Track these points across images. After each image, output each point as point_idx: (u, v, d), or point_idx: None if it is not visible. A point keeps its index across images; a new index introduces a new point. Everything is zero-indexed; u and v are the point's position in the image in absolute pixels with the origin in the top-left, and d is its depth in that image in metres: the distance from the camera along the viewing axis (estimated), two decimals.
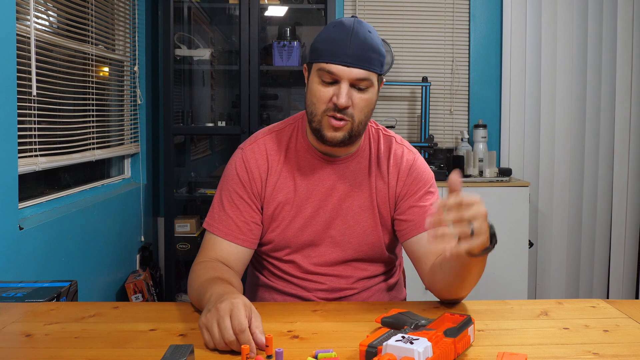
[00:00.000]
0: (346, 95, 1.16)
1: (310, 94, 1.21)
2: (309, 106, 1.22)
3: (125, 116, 2.91)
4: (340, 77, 1.16)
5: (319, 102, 1.19)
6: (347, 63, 1.15)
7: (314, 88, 1.20)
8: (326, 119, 1.19)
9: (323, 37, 1.19)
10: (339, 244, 1.29)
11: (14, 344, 0.97)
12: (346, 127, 1.19)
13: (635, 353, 0.92)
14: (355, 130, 1.21)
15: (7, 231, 1.70)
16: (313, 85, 1.20)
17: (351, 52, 1.15)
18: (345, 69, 1.15)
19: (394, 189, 1.30)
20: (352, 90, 1.17)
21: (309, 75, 1.23)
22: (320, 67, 1.17)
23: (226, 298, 0.95)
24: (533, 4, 3.36)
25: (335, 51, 1.15)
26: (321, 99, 1.18)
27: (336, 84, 1.17)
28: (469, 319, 0.93)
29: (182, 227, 3.00)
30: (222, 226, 1.25)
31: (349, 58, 1.15)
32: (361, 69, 1.16)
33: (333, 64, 1.15)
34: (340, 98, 1.15)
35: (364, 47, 1.16)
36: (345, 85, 1.16)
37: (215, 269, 1.17)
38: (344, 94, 1.15)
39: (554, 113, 3.39)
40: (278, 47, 2.99)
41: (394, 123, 3.38)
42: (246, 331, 0.89)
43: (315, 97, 1.19)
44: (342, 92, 1.16)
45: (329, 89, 1.18)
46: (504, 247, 2.94)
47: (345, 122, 1.18)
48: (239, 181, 1.28)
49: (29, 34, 1.88)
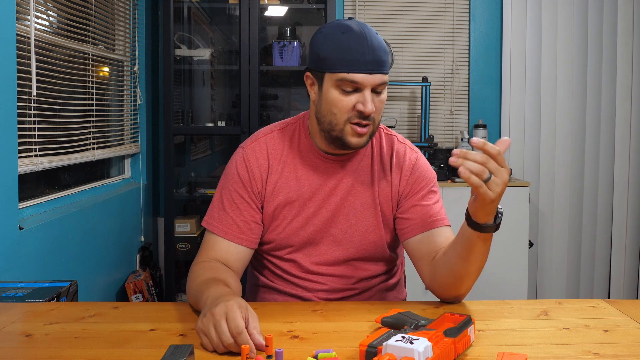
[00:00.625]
0: (371, 102, 1.17)
1: (329, 104, 1.19)
2: (326, 116, 1.20)
3: (125, 116, 2.91)
4: (364, 85, 1.16)
5: (341, 112, 1.18)
6: (370, 70, 1.15)
7: (334, 98, 1.18)
8: (349, 127, 1.19)
9: (334, 46, 1.16)
10: (340, 243, 1.29)
11: (14, 344, 0.97)
12: (369, 131, 1.21)
13: (635, 353, 0.92)
14: (374, 130, 1.23)
15: (7, 231, 1.70)
16: (332, 95, 1.18)
17: (370, 59, 1.15)
18: (369, 76, 1.15)
19: (397, 187, 1.30)
20: (373, 94, 1.18)
21: (322, 84, 1.20)
22: (340, 77, 1.16)
23: (221, 301, 0.94)
24: (533, 4, 3.36)
25: (354, 59, 1.15)
26: (344, 108, 1.18)
27: (357, 91, 1.17)
28: (469, 319, 0.93)
29: (182, 227, 3.00)
30: (222, 225, 1.25)
31: (370, 65, 1.15)
32: (380, 74, 1.17)
33: (356, 73, 1.15)
34: (367, 106, 1.16)
35: (379, 51, 1.16)
36: (369, 92, 1.16)
37: (213, 269, 1.17)
38: (369, 101, 1.16)
39: (554, 113, 3.39)
40: (278, 47, 2.99)
41: (394, 123, 3.38)
42: (243, 333, 0.89)
43: (336, 107, 1.18)
44: (367, 99, 1.16)
45: (351, 97, 1.17)
46: (504, 247, 2.94)
47: (370, 126, 1.20)
48: (239, 180, 1.27)
49: (29, 34, 1.88)
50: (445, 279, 1.16)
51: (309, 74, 1.24)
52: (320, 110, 1.22)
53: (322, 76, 1.19)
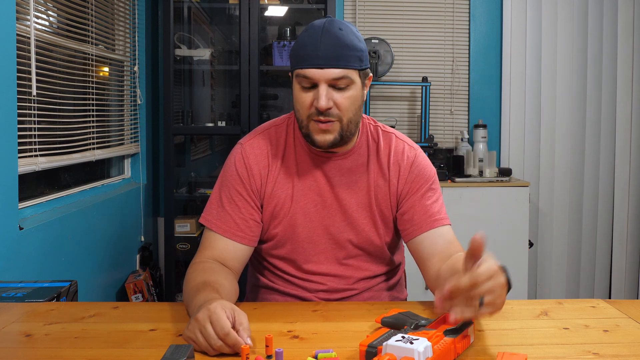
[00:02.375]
0: (325, 97, 1.15)
1: (295, 101, 1.21)
2: (295, 113, 1.23)
3: (125, 116, 2.91)
4: (317, 79, 1.16)
5: (302, 109, 1.19)
6: (319, 65, 1.14)
7: (295, 95, 1.20)
8: (312, 124, 1.19)
9: (297, 44, 1.19)
10: (338, 242, 1.29)
11: (14, 344, 0.97)
12: (335, 128, 1.19)
13: (635, 353, 0.92)
14: (345, 130, 1.20)
15: (7, 231, 1.70)
16: (295, 92, 1.20)
17: (322, 54, 1.14)
18: (319, 71, 1.15)
19: (395, 186, 1.29)
20: (332, 91, 1.17)
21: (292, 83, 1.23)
22: (297, 73, 1.18)
23: (203, 306, 0.94)
24: (533, 4, 3.36)
25: (307, 55, 1.15)
26: (303, 104, 1.18)
27: (315, 87, 1.17)
28: (469, 319, 0.93)
29: (182, 227, 3.00)
30: (221, 223, 1.24)
31: (320, 60, 1.14)
32: (335, 68, 1.15)
33: (307, 68, 1.15)
34: (320, 101, 1.15)
35: (335, 46, 1.15)
36: (324, 87, 1.15)
37: (207, 271, 1.16)
38: (322, 96, 1.15)
39: (554, 113, 3.39)
40: (278, 47, 2.98)
41: (394, 123, 3.38)
42: (230, 333, 0.88)
43: (298, 104, 1.20)
44: (320, 94, 1.15)
45: (309, 93, 1.18)
46: (504, 247, 2.94)
47: (332, 123, 1.18)
48: (238, 178, 1.27)
49: (29, 34, 1.88)
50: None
51: (290, 73, 1.26)
52: (294, 107, 1.24)
53: (292, 75, 1.22)
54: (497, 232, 2.92)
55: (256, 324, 1.03)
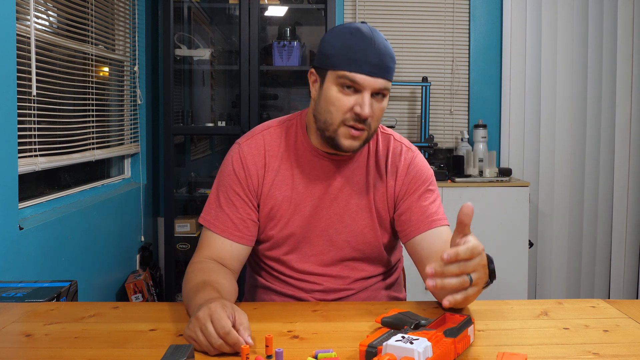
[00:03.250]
0: (370, 106, 1.15)
1: (327, 102, 1.18)
2: (323, 114, 1.19)
3: (125, 116, 2.91)
4: (364, 87, 1.14)
5: (337, 112, 1.17)
6: (372, 73, 1.14)
7: (332, 96, 1.17)
8: (344, 129, 1.17)
9: (341, 44, 1.15)
10: (335, 243, 1.28)
11: (14, 344, 0.97)
12: (363, 136, 1.19)
13: (635, 353, 0.92)
14: (369, 138, 1.21)
15: (7, 231, 1.70)
16: (331, 93, 1.17)
17: (375, 62, 1.14)
18: (370, 79, 1.14)
19: (393, 188, 1.29)
20: (372, 99, 1.16)
21: (323, 81, 1.19)
22: (342, 75, 1.15)
23: (204, 305, 0.94)
24: (533, 4, 3.36)
25: (358, 59, 1.13)
26: (341, 108, 1.16)
27: (357, 93, 1.16)
28: (469, 319, 0.93)
29: (182, 227, 3.00)
30: (219, 222, 1.24)
31: (374, 68, 1.14)
32: (383, 79, 1.15)
33: (357, 73, 1.13)
34: (365, 109, 1.14)
35: (384, 56, 1.15)
36: (368, 96, 1.15)
37: (206, 271, 1.16)
38: (367, 104, 1.14)
39: (554, 113, 3.39)
40: (278, 47, 2.99)
41: (394, 123, 3.38)
42: (231, 332, 0.88)
43: (334, 106, 1.17)
44: (365, 102, 1.14)
45: (350, 98, 1.16)
46: (504, 247, 2.94)
47: (364, 131, 1.18)
48: (235, 177, 1.27)
49: (29, 34, 1.88)
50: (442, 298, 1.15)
51: (313, 71, 1.23)
52: (318, 108, 1.21)
53: (325, 73, 1.18)
54: (497, 232, 2.93)
55: (256, 324, 1.03)
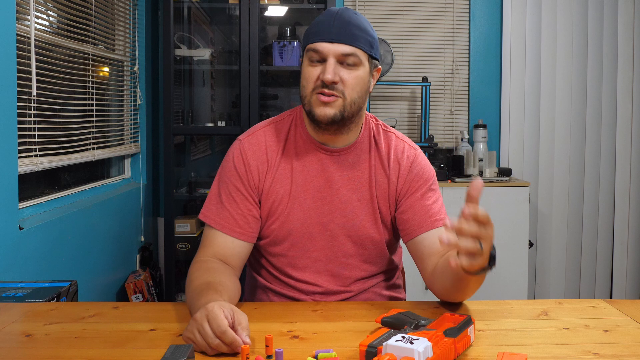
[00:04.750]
0: (332, 71, 1.17)
1: (302, 78, 1.23)
2: (301, 90, 1.24)
3: (125, 116, 2.91)
4: (326, 53, 1.18)
5: (307, 82, 1.21)
6: (331, 39, 1.18)
7: (304, 70, 1.23)
8: (315, 97, 1.20)
9: (312, 24, 1.24)
10: (336, 238, 1.28)
11: (14, 344, 0.97)
12: (337, 104, 1.19)
13: (635, 353, 0.92)
14: (348, 110, 1.20)
15: (7, 231, 1.70)
16: (303, 68, 1.23)
17: (336, 30, 1.18)
18: (329, 45, 1.18)
19: (395, 185, 1.29)
20: (340, 67, 1.19)
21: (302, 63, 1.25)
22: (307, 48, 1.21)
23: (202, 306, 0.95)
24: (533, 4, 3.36)
25: (320, 30, 1.19)
26: (310, 78, 1.20)
27: (324, 62, 1.19)
28: (469, 319, 0.93)
29: (182, 227, 3.00)
30: (220, 219, 1.24)
31: (332, 34, 1.18)
32: (345, 45, 1.18)
33: (318, 42, 1.18)
34: (327, 73, 1.17)
35: (348, 25, 1.19)
36: (332, 61, 1.18)
37: (210, 271, 1.16)
38: (330, 69, 1.17)
39: (554, 113, 3.39)
40: (278, 47, 2.99)
41: (394, 123, 3.38)
42: (227, 331, 0.89)
43: (304, 79, 1.22)
44: (328, 67, 1.18)
45: (317, 67, 1.20)
46: (504, 247, 2.94)
47: (335, 98, 1.19)
48: (236, 174, 1.27)
49: (29, 34, 1.88)
50: (442, 291, 1.18)
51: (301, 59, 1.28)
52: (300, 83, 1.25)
53: (303, 54, 1.25)
54: (497, 232, 2.91)
55: (256, 324, 1.03)
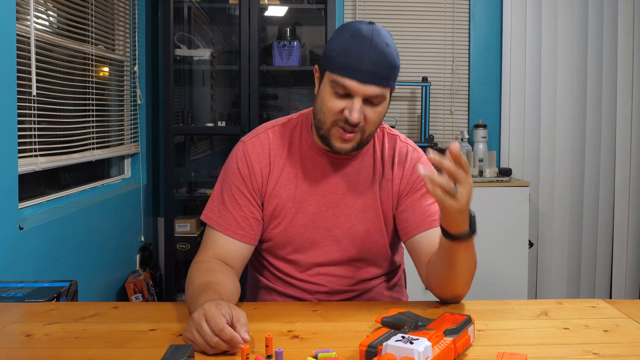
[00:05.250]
0: (359, 112, 1.13)
1: (322, 101, 1.17)
2: (318, 112, 1.19)
3: (125, 116, 2.91)
4: (354, 92, 1.12)
5: (328, 113, 1.16)
6: (364, 80, 1.11)
7: (325, 97, 1.16)
8: (335, 130, 1.17)
9: (339, 46, 1.14)
10: (341, 244, 1.28)
11: (14, 344, 0.97)
12: (356, 139, 1.18)
13: (635, 353, 0.92)
14: (364, 141, 1.20)
15: (7, 231, 1.70)
16: (325, 94, 1.16)
17: (367, 69, 1.11)
18: (361, 85, 1.12)
19: (398, 186, 1.29)
20: (365, 105, 1.15)
21: (322, 79, 1.19)
22: (333, 78, 1.13)
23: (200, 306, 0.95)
24: (533, 4, 3.36)
25: (350, 65, 1.11)
26: (331, 109, 1.16)
27: (349, 97, 1.14)
28: (469, 319, 0.93)
29: (182, 227, 3.00)
30: (222, 221, 1.24)
31: (365, 75, 1.11)
32: (376, 86, 1.12)
33: (348, 79, 1.11)
34: (353, 114, 1.13)
35: (381, 63, 1.12)
36: (359, 102, 1.13)
37: (209, 271, 1.16)
38: (356, 110, 1.12)
39: (554, 113, 3.39)
40: (278, 47, 2.99)
41: (394, 123, 3.38)
42: (225, 328, 0.88)
43: (325, 107, 1.16)
44: (354, 108, 1.13)
45: (341, 101, 1.14)
46: (504, 247, 2.94)
47: (356, 134, 1.17)
48: (239, 175, 1.26)
49: (29, 34, 1.88)
50: (438, 281, 1.18)
51: (317, 67, 1.23)
52: (316, 104, 1.21)
53: (324, 72, 1.18)
54: (497, 232, 2.92)
55: (256, 324, 1.03)
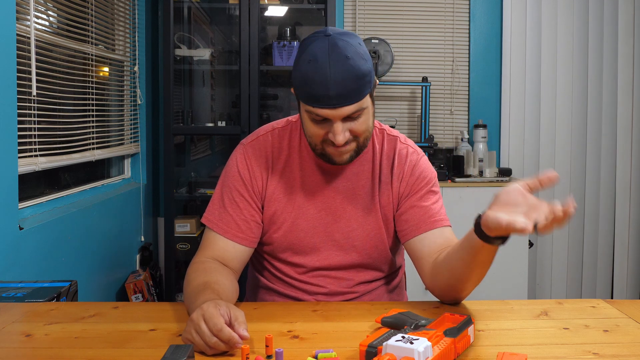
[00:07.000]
0: (342, 134, 1.11)
1: (304, 127, 1.18)
2: (305, 135, 1.20)
3: (125, 116, 2.91)
4: (331, 117, 1.11)
5: (315, 138, 1.16)
6: (333, 105, 1.09)
7: (306, 124, 1.16)
8: (328, 149, 1.17)
9: (300, 75, 1.11)
10: (342, 248, 1.28)
11: (14, 344, 0.97)
12: (352, 148, 1.18)
13: (635, 353, 0.92)
14: (361, 147, 1.20)
15: (7, 231, 1.70)
16: (305, 121, 1.17)
17: (334, 93, 1.07)
18: (333, 110, 1.10)
19: (397, 188, 1.28)
20: (347, 122, 1.13)
21: (299, 105, 1.18)
22: (307, 108, 1.13)
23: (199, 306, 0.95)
24: (533, 4, 3.36)
25: (316, 94, 1.08)
26: (315, 136, 1.16)
27: (329, 121, 1.13)
28: (469, 319, 0.93)
29: (182, 227, 3.00)
30: (222, 223, 1.24)
31: (334, 99, 1.08)
32: (349, 105, 1.10)
33: (320, 109, 1.10)
34: (337, 138, 1.11)
35: (346, 80, 1.07)
36: (339, 125, 1.11)
37: (207, 271, 1.16)
38: (338, 132, 1.11)
39: (554, 113, 3.39)
40: (278, 47, 2.99)
41: (394, 123, 3.38)
42: (224, 328, 0.88)
43: (309, 133, 1.17)
44: (336, 131, 1.11)
45: (323, 126, 1.14)
46: (504, 247, 2.94)
47: (349, 145, 1.17)
48: (239, 178, 1.26)
49: (29, 34, 1.88)
50: (446, 280, 1.14)
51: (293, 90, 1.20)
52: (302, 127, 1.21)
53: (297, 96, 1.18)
54: None
55: (256, 324, 1.03)
